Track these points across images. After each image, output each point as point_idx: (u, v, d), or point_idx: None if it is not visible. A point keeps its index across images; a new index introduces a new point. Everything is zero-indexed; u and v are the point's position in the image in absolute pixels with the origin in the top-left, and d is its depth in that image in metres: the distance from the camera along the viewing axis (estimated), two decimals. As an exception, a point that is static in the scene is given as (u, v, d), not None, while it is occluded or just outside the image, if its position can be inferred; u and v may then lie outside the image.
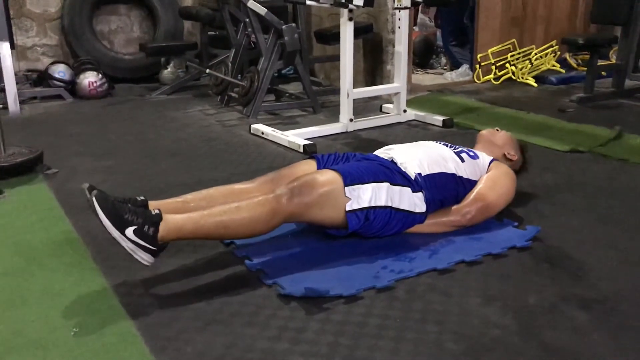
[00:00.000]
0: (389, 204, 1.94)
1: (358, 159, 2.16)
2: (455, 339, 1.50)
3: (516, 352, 1.45)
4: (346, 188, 1.88)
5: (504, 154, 2.38)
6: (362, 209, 1.90)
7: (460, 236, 2.05)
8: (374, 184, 1.93)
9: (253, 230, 1.81)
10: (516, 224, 2.14)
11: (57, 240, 2.12)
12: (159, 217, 1.68)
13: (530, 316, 1.59)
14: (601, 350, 1.45)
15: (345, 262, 1.89)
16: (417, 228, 2.05)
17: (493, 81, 4.99)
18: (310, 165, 2.15)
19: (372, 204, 1.91)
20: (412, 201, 2.00)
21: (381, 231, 1.98)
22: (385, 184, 1.95)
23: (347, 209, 1.88)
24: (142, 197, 1.84)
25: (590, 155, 3.02)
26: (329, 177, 1.89)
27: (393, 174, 2.01)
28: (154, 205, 1.84)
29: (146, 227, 1.65)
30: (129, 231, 1.64)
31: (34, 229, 2.22)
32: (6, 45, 3.99)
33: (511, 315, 1.59)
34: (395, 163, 2.09)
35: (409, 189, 2.00)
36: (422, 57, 5.70)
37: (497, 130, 2.48)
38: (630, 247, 1.99)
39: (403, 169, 2.05)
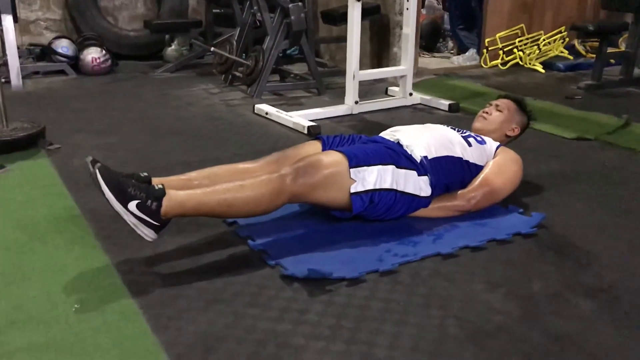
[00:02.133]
0: (394, 187, 1.93)
1: (364, 141, 2.14)
2: (458, 324, 1.49)
3: (519, 339, 1.44)
4: (351, 170, 1.87)
5: (506, 134, 2.35)
6: (366, 192, 1.88)
7: (465, 221, 2.04)
8: (380, 167, 1.91)
9: (256, 210, 1.79)
10: (521, 210, 2.12)
11: (59, 216, 2.11)
12: (162, 192, 1.67)
13: (534, 303, 1.58)
14: (604, 339, 1.45)
15: (349, 244, 1.88)
16: (421, 212, 2.04)
17: (500, 66, 4.94)
18: (315, 146, 2.13)
19: (377, 187, 1.89)
20: (418, 185, 1.98)
21: (385, 214, 1.97)
22: (391, 167, 1.93)
23: (352, 191, 1.87)
24: (145, 174, 1.83)
25: (597, 143, 2.99)
26: (335, 159, 1.88)
27: (399, 156, 1.99)
28: (157, 182, 1.82)
29: (149, 201, 1.64)
30: (132, 205, 1.63)
31: (35, 204, 2.21)
32: (9, 19, 3.95)
33: (515, 302, 1.58)
34: (402, 145, 2.06)
35: (414, 172, 1.98)
36: (429, 40, 5.64)
37: (487, 112, 2.36)
38: (636, 236, 1.98)
39: (409, 152, 2.03)
